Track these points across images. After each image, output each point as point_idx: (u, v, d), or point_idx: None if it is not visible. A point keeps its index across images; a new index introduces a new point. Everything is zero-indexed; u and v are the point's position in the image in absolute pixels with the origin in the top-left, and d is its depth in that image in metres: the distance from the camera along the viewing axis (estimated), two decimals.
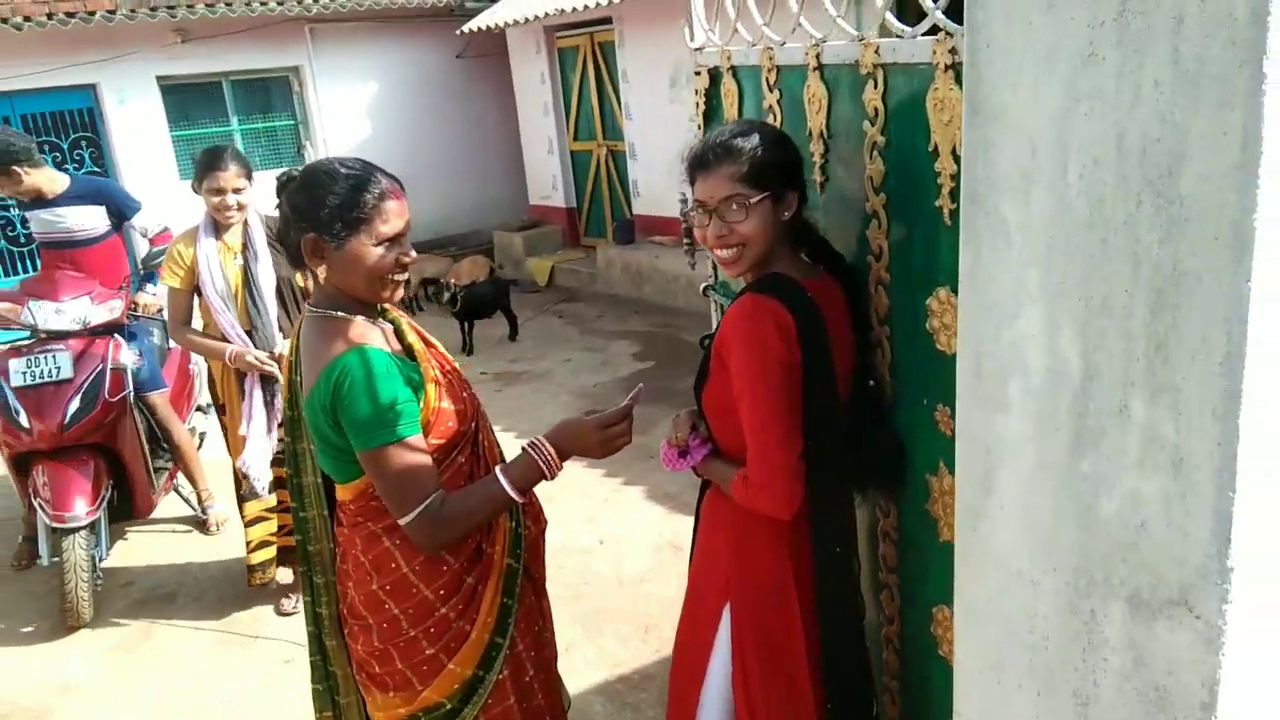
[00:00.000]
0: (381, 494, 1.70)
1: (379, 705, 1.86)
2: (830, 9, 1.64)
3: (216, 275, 3.41)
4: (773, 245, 1.64)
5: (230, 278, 3.44)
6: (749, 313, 1.58)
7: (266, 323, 3.47)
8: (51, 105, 9.12)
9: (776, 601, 1.68)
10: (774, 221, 1.62)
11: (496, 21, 9.59)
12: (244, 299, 3.44)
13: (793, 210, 1.64)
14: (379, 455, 1.65)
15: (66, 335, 3.99)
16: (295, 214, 1.72)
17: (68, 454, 3.85)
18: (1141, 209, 0.90)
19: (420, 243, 10.51)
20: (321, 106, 10.49)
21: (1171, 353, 0.91)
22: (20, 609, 4.01)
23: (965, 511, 1.21)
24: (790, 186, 1.63)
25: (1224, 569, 0.91)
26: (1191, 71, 0.84)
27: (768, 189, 1.60)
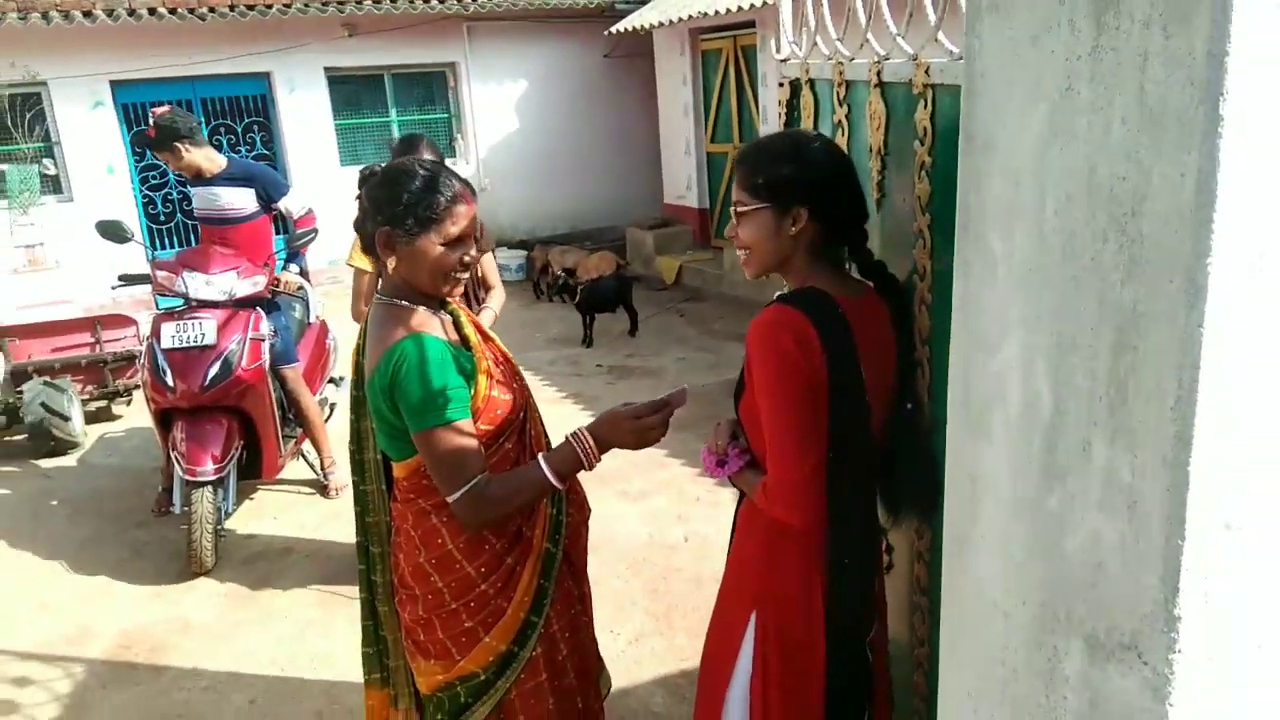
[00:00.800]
0: (431, 472, 1.81)
1: (421, 671, 1.99)
2: (891, 26, 1.64)
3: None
4: (783, 255, 1.66)
5: None
6: (768, 324, 1.60)
7: None
8: (229, 91, 9.85)
9: (801, 611, 1.70)
10: (775, 233, 1.63)
11: (644, 22, 9.74)
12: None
13: (800, 225, 1.63)
14: (430, 436, 1.76)
15: (214, 305, 4.36)
16: (374, 207, 1.83)
17: (205, 414, 4.21)
18: (1107, 247, 0.89)
19: (557, 236, 10.84)
20: (474, 101, 10.91)
21: (1130, 395, 0.90)
22: (153, 552, 4.40)
23: (951, 539, 1.21)
24: (797, 202, 1.62)
25: (1171, 617, 0.89)
26: (1155, 110, 0.83)
27: (767, 201, 1.62)
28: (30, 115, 8.87)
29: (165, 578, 4.14)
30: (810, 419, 1.56)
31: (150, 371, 4.26)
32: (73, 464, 5.61)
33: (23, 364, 5.89)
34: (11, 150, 8.82)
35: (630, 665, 3.25)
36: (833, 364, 1.55)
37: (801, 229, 1.63)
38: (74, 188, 9.24)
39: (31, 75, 8.67)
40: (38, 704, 3.28)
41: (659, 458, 4.77)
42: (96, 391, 6.16)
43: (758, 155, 1.65)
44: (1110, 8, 0.85)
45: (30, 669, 3.49)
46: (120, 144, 9.41)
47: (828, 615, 1.70)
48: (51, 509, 4.97)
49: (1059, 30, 0.91)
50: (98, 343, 6.16)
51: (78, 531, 4.66)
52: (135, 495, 4.99)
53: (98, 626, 3.76)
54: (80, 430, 5.77)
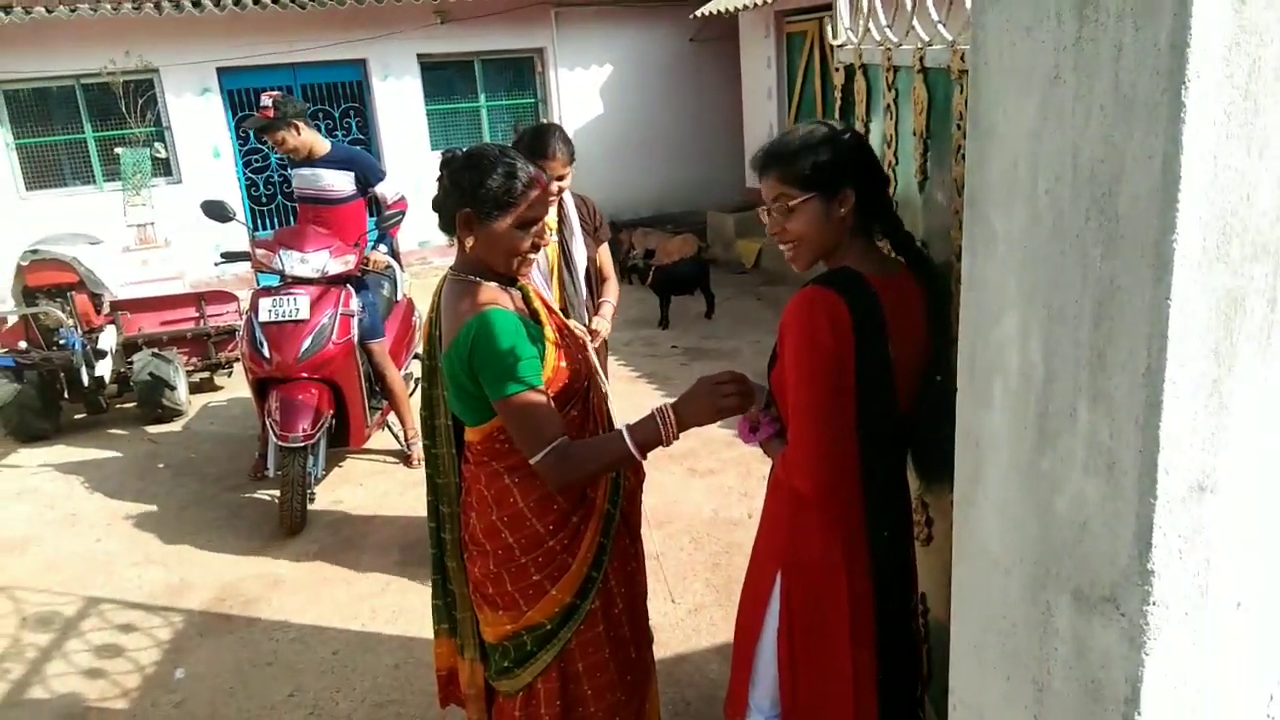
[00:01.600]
0: (515, 436, 1.93)
1: (489, 621, 2.13)
2: (933, 12, 1.70)
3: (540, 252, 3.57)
4: (834, 241, 1.73)
5: (549, 254, 3.43)
6: (804, 303, 1.67)
7: (579, 301, 3.48)
8: (326, 77, 10.23)
9: (821, 573, 1.78)
10: (826, 219, 1.70)
11: (730, 5, 9.74)
12: (560, 275, 3.43)
13: (849, 207, 1.69)
14: (512, 401, 1.88)
15: (308, 282, 4.61)
16: (456, 189, 1.95)
17: (298, 384, 4.46)
18: (1089, 224, 0.96)
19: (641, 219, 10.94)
20: (560, 86, 11.08)
21: (1108, 362, 0.96)
22: (249, 514, 4.69)
23: (959, 500, 1.28)
24: (844, 185, 1.69)
25: (1145, 571, 0.96)
26: (1128, 97, 0.89)
27: (814, 189, 1.69)
28: (143, 101, 9.38)
29: (259, 537, 4.42)
30: (832, 394, 1.65)
31: (248, 344, 4.54)
32: (177, 430, 5.98)
33: (133, 336, 6.28)
34: (126, 134, 9.34)
35: (689, 633, 3.37)
36: (861, 342, 1.62)
37: (849, 210, 1.70)
38: (182, 170, 9.74)
39: (145, 63, 9.16)
40: (141, 649, 3.56)
41: (727, 437, 4.85)
42: (200, 363, 6.54)
43: (795, 149, 1.71)
44: (1090, 2, 0.91)
45: (134, 616, 3.79)
46: (225, 128, 9.87)
47: (875, 587, 1.79)
48: (157, 471, 5.32)
49: (1048, 22, 0.98)
50: (202, 317, 6.53)
51: (180, 492, 4.99)
52: (233, 460, 5.31)
53: (196, 580, 4.05)
54: (185, 399, 6.15)
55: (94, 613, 3.83)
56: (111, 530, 4.60)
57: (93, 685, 3.34)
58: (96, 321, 6.01)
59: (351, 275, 4.79)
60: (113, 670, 3.43)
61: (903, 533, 1.82)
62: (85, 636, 3.66)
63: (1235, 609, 1.02)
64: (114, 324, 6.18)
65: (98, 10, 8.62)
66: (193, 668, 3.42)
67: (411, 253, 10.54)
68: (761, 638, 1.88)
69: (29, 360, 5.64)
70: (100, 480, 5.22)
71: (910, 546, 1.89)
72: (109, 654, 3.53)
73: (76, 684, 3.35)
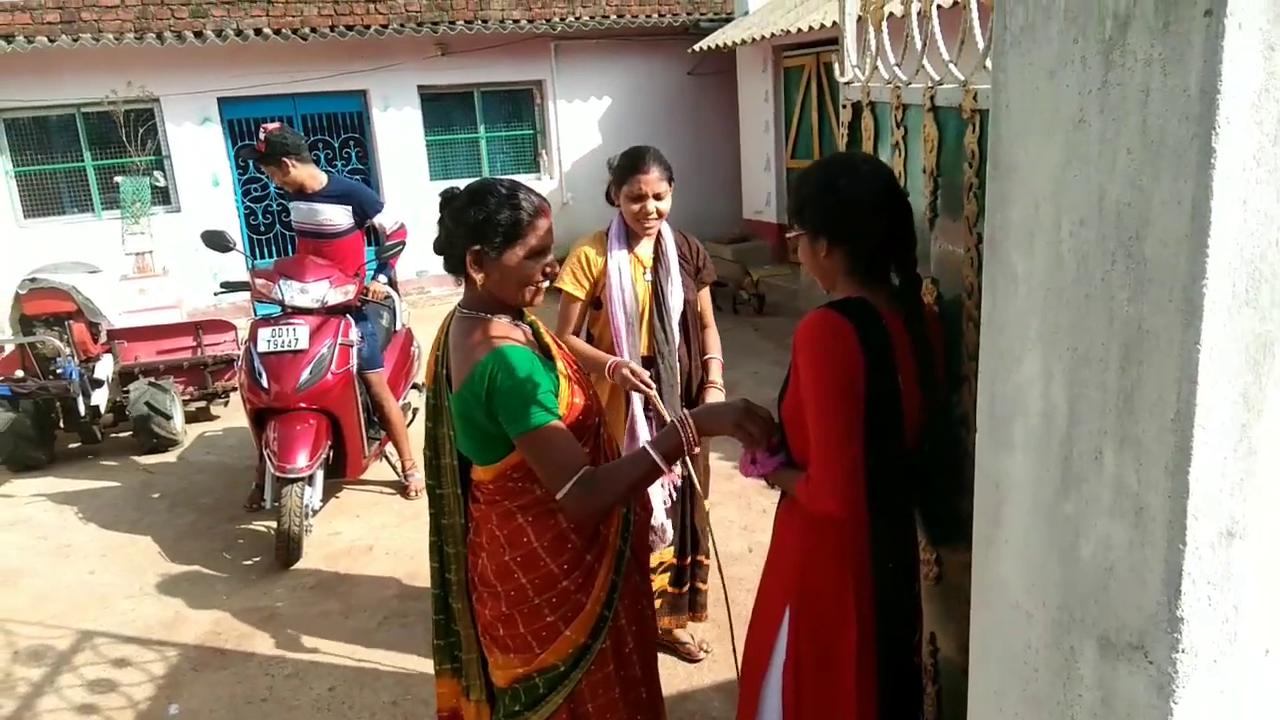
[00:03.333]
0: (539, 469, 1.90)
1: (499, 665, 2.09)
2: (944, 52, 1.71)
3: (627, 291, 2.99)
4: (828, 277, 1.78)
5: (640, 294, 3.03)
6: (813, 324, 1.69)
7: (670, 350, 3.06)
8: (327, 108, 10.28)
9: (834, 606, 1.77)
10: (813, 256, 1.77)
11: (728, 40, 9.85)
12: (651, 320, 3.03)
13: (823, 253, 1.74)
14: (535, 436, 1.86)
15: (307, 312, 4.60)
16: (462, 226, 1.93)
17: (296, 414, 4.44)
18: (1115, 268, 0.96)
19: None
20: (559, 118, 11.15)
21: (1136, 406, 0.95)
22: (245, 545, 4.64)
23: (979, 543, 1.26)
24: (819, 234, 1.74)
25: (1174, 618, 0.95)
26: (1155, 142, 0.89)
27: (802, 228, 1.77)
28: (143, 130, 9.41)
29: (255, 569, 4.37)
30: (852, 410, 1.65)
31: (247, 374, 4.52)
32: (173, 460, 5.94)
33: (130, 365, 6.26)
34: (125, 163, 9.37)
35: (691, 670, 3.33)
36: (870, 366, 1.63)
37: (828, 255, 1.75)
38: (181, 199, 9.76)
39: (146, 92, 9.20)
40: (134, 684, 3.50)
41: (728, 470, 4.83)
42: (197, 392, 6.51)
43: (798, 183, 1.78)
44: (1117, 46, 0.91)
45: (128, 650, 3.73)
46: (225, 158, 9.90)
47: (877, 621, 1.77)
48: (152, 501, 5.27)
49: (1073, 66, 0.98)
50: (199, 346, 6.51)
51: (176, 523, 4.94)
52: (230, 491, 5.27)
53: (191, 613, 4.00)
54: (181, 429, 6.11)
55: (87, 646, 3.78)
56: (105, 562, 4.55)
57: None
58: (93, 350, 5.99)
59: (351, 305, 4.78)
60: (106, 706, 3.37)
61: (908, 565, 1.81)
62: (78, 671, 3.60)
63: (1264, 656, 1.01)
64: (111, 353, 6.16)
65: (100, 40, 8.68)
66: (187, 704, 3.36)
67: (409, 282, 10.55)
68: (769, 672, 1.86)
69: (25, 389, 5.61)
70: (94, 511, 5.17)
71: (915, 580, 1.87)
72: (102, 689, 3.48)
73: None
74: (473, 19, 10.23)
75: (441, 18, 10.08)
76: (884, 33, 2.02)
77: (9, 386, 5.59)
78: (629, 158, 2.97)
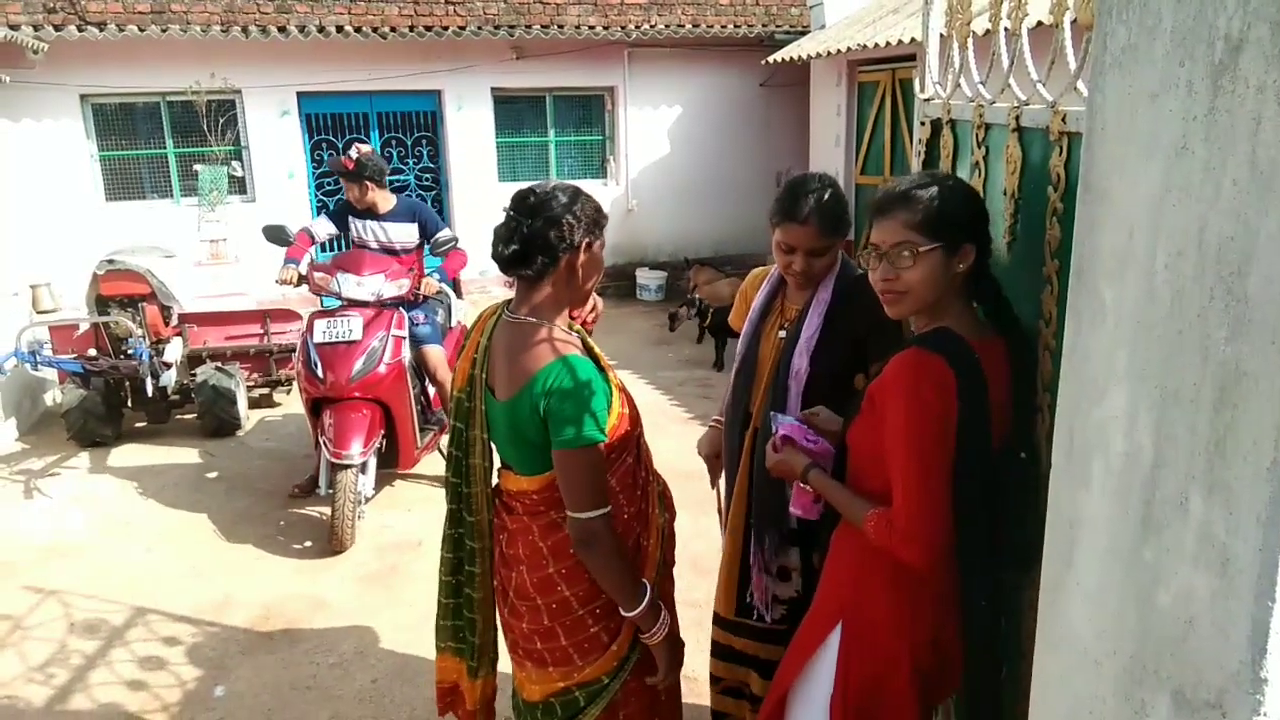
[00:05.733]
0: (569, 487, 1.88)
1: (534, 679, 2.06)
2: (1033, 73, 1.65)
3: (745, 340, 2.49)
4: (942, 296, 1.68)
5: (762, 351, 2.46)
6: (912, 367, 1.63)
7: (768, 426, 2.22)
8: (402, 106, 10.43)
9: (888, 634, 1.72)
10: (944, 272, 1.66)
11: (803, 53, 9.78)
12: (768, 381, 2.42)
13: (968, 263, 1.66)
14: (580, 455, 1.85)
15: (362, 304, 4.68)
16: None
17: (350, 403, 4.52)
18: (1213, 304, 0.90)
19: (703, 258, 10.94)
20: (629, 124, 11.17)
21: (1228, 451, 0.90)
22: (298, 531, 4.72)
23: (1048, 585, 1.21)
24: (967, 239, 1.66)
25: (1258, 679, 0.89)
26: (1265, 174, 0.84)
27: (940, 240, 1.65)
28: (224, 120, 9.65)
29: (307, 555, 4.44)
30: (945, 461, 1.60)
31: (304, 364, 4.62)
32: (234, 444, 6.06)
33: (198, 349, 6.41)
34: (205, 152, 9.61)
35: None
36: (964, 408, 1.58)
37: (968, 268, 1.68)
38: (257, 189, 9.98)
39: (228, 84, 9.44)
40: (183, 663, 3.57)
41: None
42: (261, 379, 6.64)
43: (923, 197, 1.67)
44: (1227, 72, 0.87)
45: (178, 630, 3.80)
46: (301, 151, 10.10)
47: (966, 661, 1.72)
48: (211, 483, 5.39)
49: (1177, 90, 0.93)
50: (266, 334, 6.64)
51: (232, 506, 5.04)
52: (287, 477, 5.35)
53: (242, 596, 4.06)
54: (244, 413, 6.24)
55: (140, 623, 3.86)
56: (163, 540, 4.65)
57: (134, 696, 3.35)
58: (164, 333, 6.14)
59: (405, 299, 4.86)
60: (154, 683, 3.44)
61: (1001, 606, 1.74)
62: (130, 646, 3.68)
63: None
64: (181, 336, 6.31)
65: (187, 31, 8.92)
66: (233, 686, 3.41)
67: (472, 281, 10.65)
68: (803, 688, 1.82)
69: (97, 367, 5.77)
70: (156, 490, 5.30)
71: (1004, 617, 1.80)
72: (152, 666, 3.55)
73: (118, 694, 3.36)
74: (548, 24, 10.30)
75: (518, 21, 10.17)
76: (969, 50, 1.97)
77: (82, 364, 5.75)
78: (787, 197, 2.29)
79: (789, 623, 2.36)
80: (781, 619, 2.41)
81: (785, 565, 2.38)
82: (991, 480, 1.64)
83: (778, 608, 2.42)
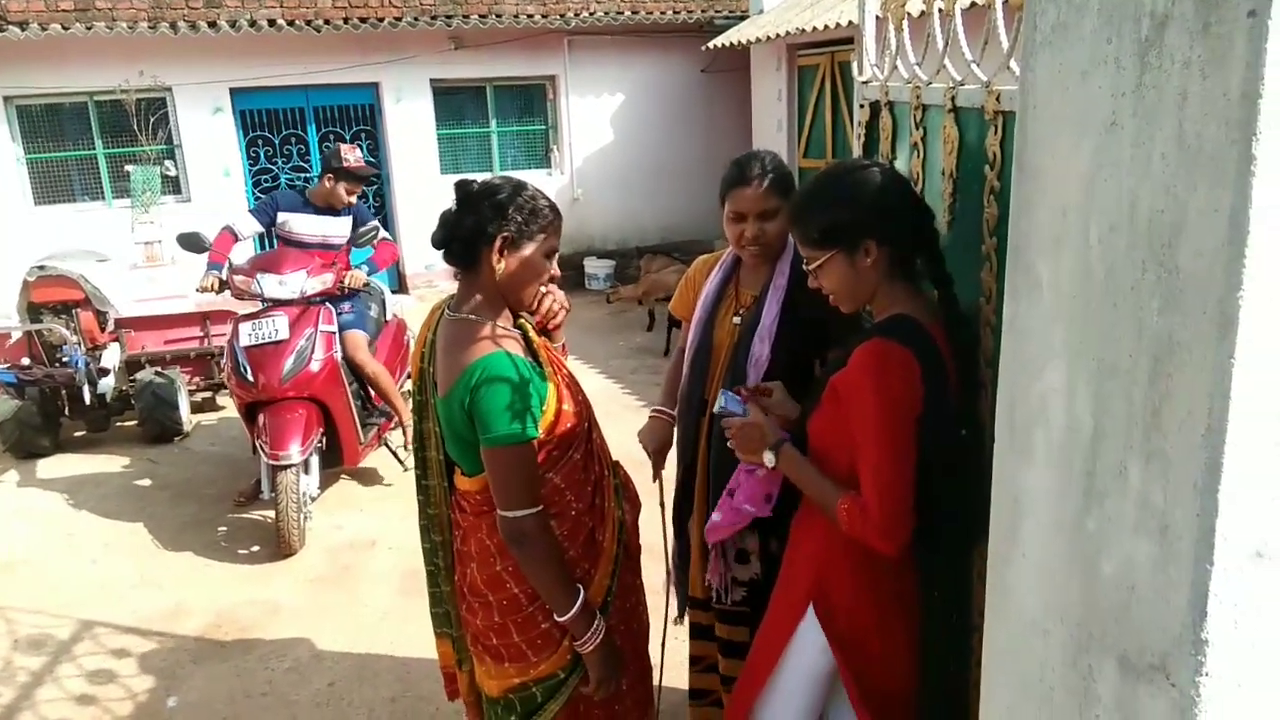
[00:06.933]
0: (496, 485, 1.86)
1: (492, 674, 2.05)
2: (967, 53, 1.67)
3: (698, 327, 2.44)
4: (868, 289, 1.70)
5: (717, 338, 2.42)
6: (878, 358, 1.63)
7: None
8: (339, 100, 10.26)
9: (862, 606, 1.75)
10: (854, 273, 1.68)
11: (742, 38, 9.81)
12: (724, 368, 2.38)
13: (874, 257, 1.67)
14: (506, 452, 1.82)
15: (287, 303, 4.60)
16: (496, 211, 1.88)
17: (285, 404, 4.46)
18: (1146, 277, 0.92)
19: (647, 247, 10.94)
20: (571, 113, 11.12)
21: (1164, 421, 0.92)
22: (247, 536, 4.64)
23: (995, 558, 1.23)
24: (864, 236, 1.67)
25: (1199, 640, 0.91)
26: (1192, 147, 0.85)
27: (832, 247, 1.67)
28: (155, 119, 9.40)
29: (256, 560, 4.36)
30: (911, 451, 1.62)
31: (232, 369, 4.55)
32: (177, 450, 5.93)
33: (136, 354, 6.25)
34: (137, 152, 9.36)
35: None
36: (929, 396, 1.59)
37: (874, 260, 1.68)
38: (192, 189, 9.75)
39: (158, 82, 9.19)
40: (134, 675, 3.49)
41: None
42: (203, 382, 6.50)
43: (808, 208, 1.70)
44: (1153, 48, 0.88)
45: (129, 641, 3.72)
46: (236, 148, 9.89)
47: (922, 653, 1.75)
48: (156, 492, 5.27)
49: (1106, 67, 0.94)
50: (206, 336, 6.51)
51: (179, 513, 4.93)
52: (233, 482, 5.25)
53: (192, 604, 3.99)
54: (186, 418, 6.10)
55: (87, 636, 3.77)
56: (108, 551, 4.55)
57: (84, 712, 3.27)
58: (100, 339, 5.98)
59: (330, 294, 4.81)
60: (104, 696, 3.36)
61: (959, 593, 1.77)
62: (78, 661, 3.59)
63: None
64: (118, 341, 6.15)
65: (114, 29, 8.67)
66: (185, 696, 3.35)
67: (418, 275, 10.54)
68: (780, 677, 1.83)
69: (31, 376, 5.61)
70: (98, 500, 5.17)
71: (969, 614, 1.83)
72: (101, 679, 3.47)
73: (67, 710, 3.28)
74: (486, 13, 10.19)
75: (455, 11, 10.05)
76: (904, 32, 1.99)
77: (15, 374, 5.59)
78: (735, 165, 2.33)
79: (749, 604, 2.38)
80: (742, 600, 2.43)
81: (744, 548, 2.40)
82: (954, 463, 1.67)
83: (738, 589, 2.43)
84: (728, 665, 2.52)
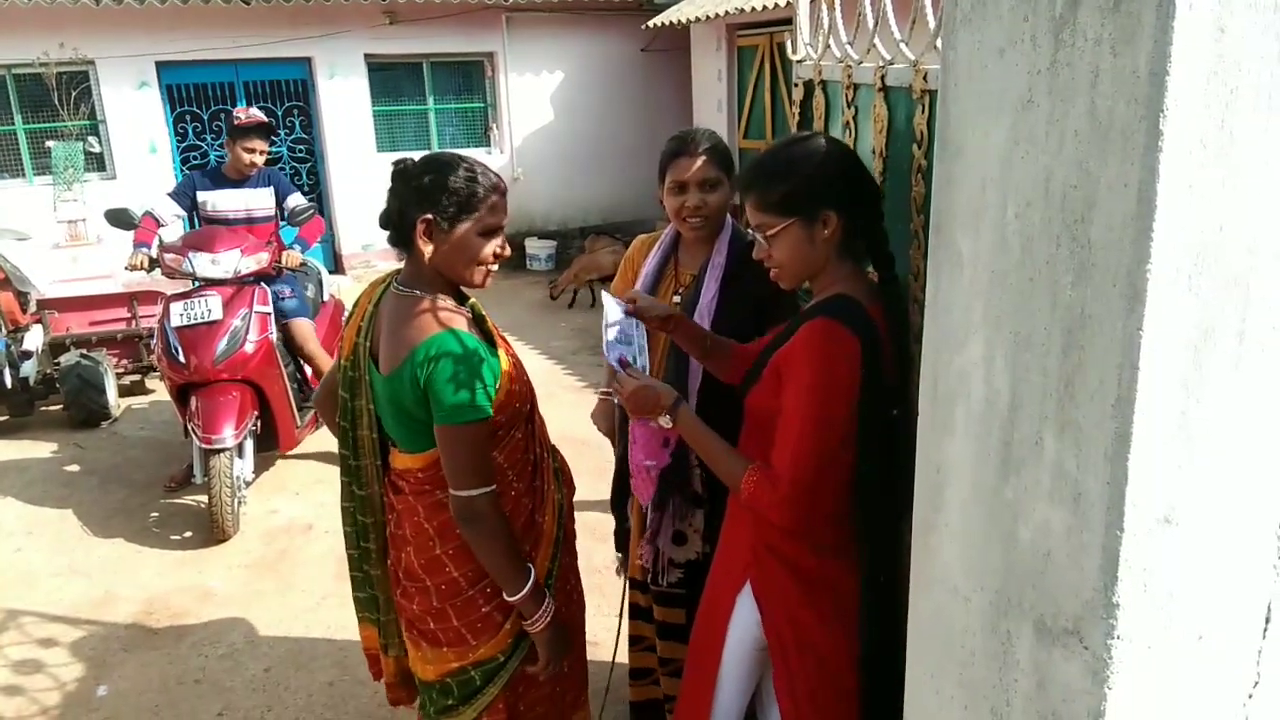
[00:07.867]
0: (451, 464, 1.84)
1: (429, 659, 2.02)
2: (896, 32, 1.69)
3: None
4: (819, 264, 1.70)
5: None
6: (822, 340, 1.63)
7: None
8: (271, 75, 10.00)
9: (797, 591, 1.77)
10: (809, 244, 1.67)
11: (682, 17, 9.78)
12: (665, 351, 2.37)
13: (832, 228, 1.66)
14: (462, 430, 1.80)
15: (220, 283, 4.49)
16: (416, 194, 1.84)
17: (218, 386, 4.35)
18: (1060, 251, 0.94)
19: (589, 227, 10.90)
20: (510, 91, 10.98)
21: (1077, 391, 0.94)
22: (179, 522, 4.54)
23: (919, 528, 1.26)
24: (826, 206, 1.65)
25: (1110, 604, 0.94)
26: (1103, 124, 0.88)
27: (793, 215, 1.65)
28: (76, 94, 9.07)
29: (189, 546, 4.27)
30: (838, 437, 1.63)
31: (163, 350, 4.42)
32: (104, 434, 5.77)
33: (61, 336, 6.06)
34: (58, 127, 9.03)
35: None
36: (866, 383, 1.60)
37: (833, 230, 1.66)
38: (117, 165, 9.43)
39: (80, 55, 8.87)
40: (61, 664, 3.40)
41: None
42: (131, 365, 6.32)
43: (769, 173, 1.67)
44: (1067, 25, 0.90)
45: (56, 630, 3.62)
46: (163, 124, 9.59)
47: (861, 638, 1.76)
48: (83, 477, 5.12)
49: (1022, 45, 0.96)
50: (134, 318, 6.32)
51: (107, 499, 4.81)
52: (163, 466, 5.13)
53: (123, 591, 3.89)
54: (113, 402, 5.93)
55: (13, 626, 3.66)
56: (33, 539, 4.41)
57: (10, 703, 3.18)
58: (22, 320, 5.79)
59: (265, 273, 4.71)
60: (31, 687, 3.27)
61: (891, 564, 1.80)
62: (3, 651, 3.49)
63: (1197, 641, 1.01)
64: (40, 323, 5.95)
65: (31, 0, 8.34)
66: (116, 685, 3.27)
67: (355, 255, 10.36)
68: (724, 659, 1.84)
69: None
70: (22, 486, 5.01)
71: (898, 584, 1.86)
72: (28, 669, 3.37)
73: None
74: None
75: None
76: (836, 11, 2.00)
77: None
78: (675, 139, 2.34)
79: (685, 586, 2.39)
80: (679, 582, 2.43)
81: (682, 529, 2.40)
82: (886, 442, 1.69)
83: (674, 571, 2.44)
84: (665, 647, 2.53)
